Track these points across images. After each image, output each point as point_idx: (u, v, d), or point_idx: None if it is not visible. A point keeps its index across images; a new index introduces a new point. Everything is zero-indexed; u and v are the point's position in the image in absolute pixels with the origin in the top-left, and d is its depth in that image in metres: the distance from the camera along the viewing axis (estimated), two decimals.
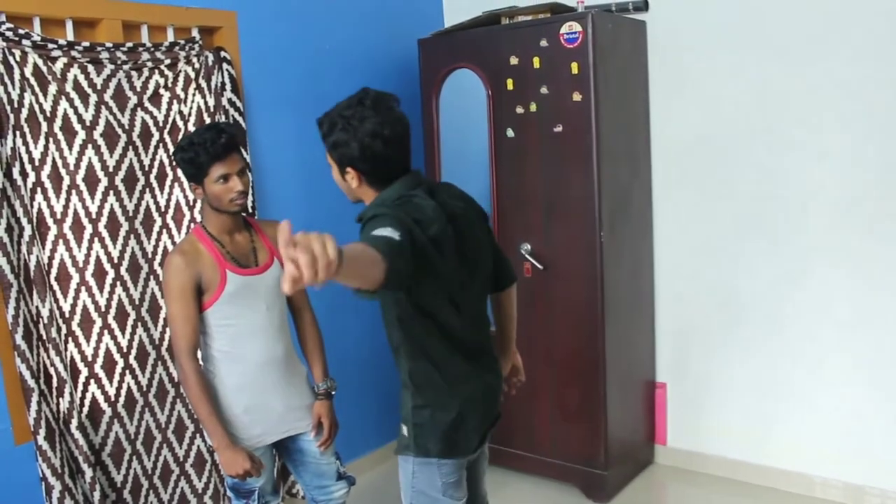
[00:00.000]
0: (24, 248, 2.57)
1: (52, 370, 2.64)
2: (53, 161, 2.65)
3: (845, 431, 3.31)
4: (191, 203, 2.99)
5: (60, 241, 2.68)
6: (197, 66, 3.01)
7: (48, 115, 2.63)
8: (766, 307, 3.44)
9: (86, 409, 2.76)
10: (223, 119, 3.04)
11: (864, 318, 3.22)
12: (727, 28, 3.37)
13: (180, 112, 2.99)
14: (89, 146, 2.71)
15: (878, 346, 3.20)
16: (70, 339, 2.73)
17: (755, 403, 3.53)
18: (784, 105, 3.28)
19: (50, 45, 2.60)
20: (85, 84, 2.70)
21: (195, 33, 3.07)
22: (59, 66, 2.63)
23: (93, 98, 2.72)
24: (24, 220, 2.56)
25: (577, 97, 3.23)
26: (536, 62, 3.34)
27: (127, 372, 2.85)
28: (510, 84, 3.43)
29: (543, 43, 3.30)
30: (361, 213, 1.96)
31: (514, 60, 3.41)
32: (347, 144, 1.93)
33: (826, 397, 3.34)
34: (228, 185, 2.30)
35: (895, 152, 3.07)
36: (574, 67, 3.22)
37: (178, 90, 2.98)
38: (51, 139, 2.64)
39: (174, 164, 2.95)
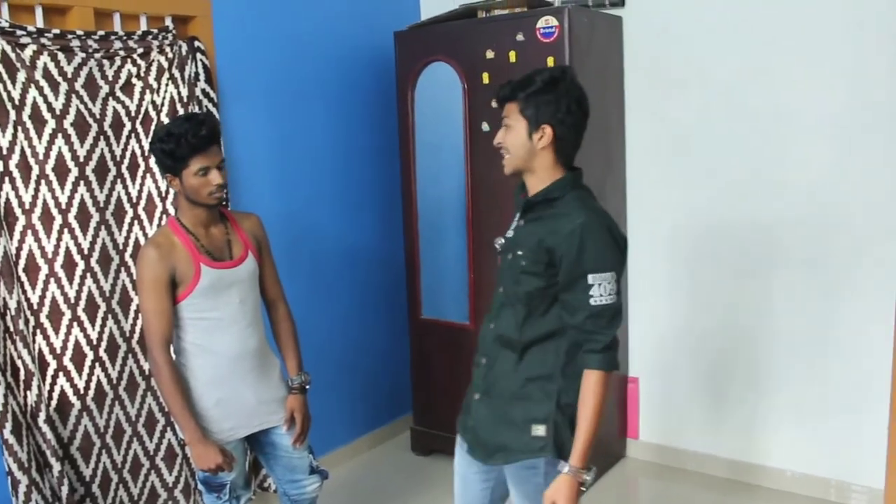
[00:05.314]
0: None
1: (19, 363, 2.59)
2: (22, 150, 2.60)
3: (816, 425, 3.36)
4: (163, 194, 2.95)
5: (29, 231, 2.64)
6: (170, 55, 2.97)
7: (17, 103, 2.58)
8: (737, 301, 3.48)
9: (54, 403, 2.72)
10: (196, 109, 3.01)
11: (834, 308, 3.26)
12: (704, 25, 3.39)
13: (153, 102, 2.95)
14: (59, 135, 2.67)
15: (854, 339, 3.23)
16: (38, 331, 2.69)
17: (728, 398, 3.57)
18: (766, 99, 3.29)
19: (18, 32, 2.55)
20: (55, 72, 2.65)
21: (169, 22, 3.03)
22: (28, 53, 2.58)
23: (63, 87, 2.67)
24: None
25: None
26: (513, 56, 3.33)
27: (97, 364, 2.81)
28: (486, 78, 3.43)
29: (520, 37, 3.30)
30: (555, 195, 2.01)
31: (490, 54, 3.41)
32: (557, 102, 1.91)
33: (797, 391, 3.38)
34: (208, 178, 2.27)
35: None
36: (550, 62, 3.22)
37: (151, 80, 2.94)
38: (19, 128, 2.59)
39: (147, 154, 2.91)
